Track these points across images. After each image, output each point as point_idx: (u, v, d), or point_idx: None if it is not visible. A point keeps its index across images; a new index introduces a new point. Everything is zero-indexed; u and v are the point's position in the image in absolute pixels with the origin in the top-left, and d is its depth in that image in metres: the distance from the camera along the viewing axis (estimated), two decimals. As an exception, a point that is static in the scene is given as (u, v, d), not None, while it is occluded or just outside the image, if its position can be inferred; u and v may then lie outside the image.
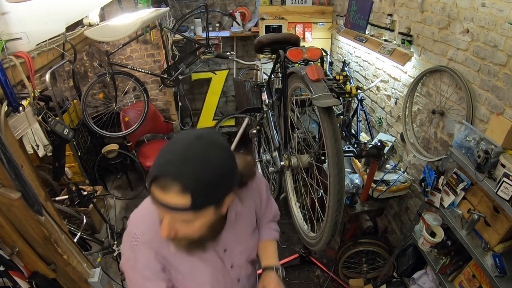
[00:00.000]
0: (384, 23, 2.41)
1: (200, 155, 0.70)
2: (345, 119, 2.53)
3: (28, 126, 1.71)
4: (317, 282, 2.52)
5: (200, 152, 0.71)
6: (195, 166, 0.69)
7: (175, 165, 0.69)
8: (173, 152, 0.71)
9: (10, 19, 1.33)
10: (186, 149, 0.70)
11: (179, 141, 0.73)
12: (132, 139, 3.41)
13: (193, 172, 0.69)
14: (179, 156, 0.70)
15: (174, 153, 0.71)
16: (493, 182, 1.32)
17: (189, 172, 0.68)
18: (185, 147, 0.71)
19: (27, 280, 1.36)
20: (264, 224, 1.22)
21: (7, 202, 1.16)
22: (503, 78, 1.46)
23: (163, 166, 0.70)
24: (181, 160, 0.69)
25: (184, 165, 0.69)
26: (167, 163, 0.70)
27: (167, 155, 0.71)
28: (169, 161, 0.70)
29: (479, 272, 1.49)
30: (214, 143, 0.74)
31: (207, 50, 3.38)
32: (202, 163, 0.70)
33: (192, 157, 0.70)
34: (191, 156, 0.70)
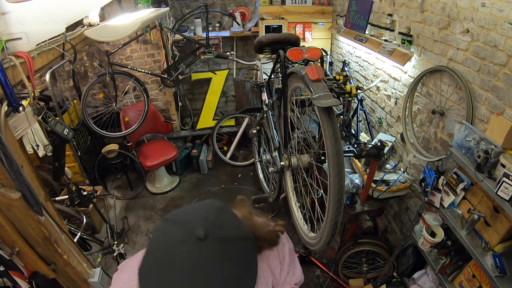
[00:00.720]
0: (384, 23, 2.41)
1: (220, 261, 0.50)
2: (345, 119, 2.53)
3: (28, 126, 1.71)
4: (317, 282, 2.52)
5: (217, 256, 0.50)
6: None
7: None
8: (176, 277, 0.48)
9: (10, 19, 1.33)
10: (195, 263, 0.49)
11: (177, 255, 0.49)
12: (132, 139, 3.41)
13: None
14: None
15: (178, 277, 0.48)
16: (493, 182, 1.32)
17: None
18: (191, 262, 0.49)
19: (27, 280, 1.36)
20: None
21: (7, 202, 1.17)
22: (503, 78, 1.46)
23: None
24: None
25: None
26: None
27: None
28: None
29: (479, 272, 1.49)
30: (229, 231, 0.54)
31: (207, 50, 3.38)
32: (229, 270, 0.51)
33: (213, 268, 0.50)
34: (205, 269, 0.49)
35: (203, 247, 0.50)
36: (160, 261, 0.50)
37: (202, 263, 0.49)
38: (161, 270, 0.49)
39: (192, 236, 0.50)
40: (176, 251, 0.50)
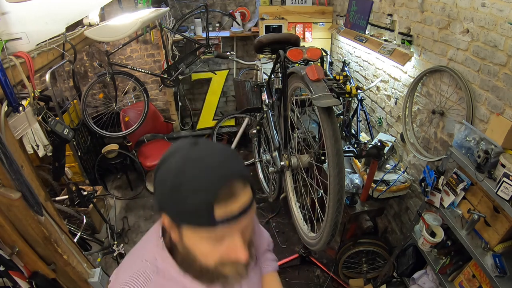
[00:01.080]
0: (384, 23, 2.41)
1: (218, 148, 0.64)
2: (345, 119, 2.53)
3: (28, 126, 1.71)
4: (317, 282, 2.52)
5: (215, 147, 0.64)
6: (230, 155, 0.63)
7: (220, 167, 0.59)
8: (196, 167, 0.58)
9: (10, 19, 1.33)
10: (203, 154, 0.60)
11: (185, 158, 0.60)
12: (132, 139, 3.41)
13: (235, 159, 0.63)
14: (209, 161, 0.59)
15: (199, 166, 0.58)
16: (493, 182, 1.32)
17: (234, 162, 0.62)
18: (199, 155, 0.60)
19: (27, 280, 1.36)
20: (260, 256, 1.10)
21: (7, 202, 1.17)
22: (503, 78, 1.46)
23: (208, 181, 0.57)
24: (217, 161, 0.60)
25: (224, 161, 0.61)
26: (207, 175, 0.57)
27: (194, 173, 0.57)
28: (207, 172, 0.58)
29: (479, 272, 1.49)
30: (209, 140, 0.70)
31: (207, 50, 3.38)
32: (228, 150, 0.64)
33: (219, 152, 0.63)
34: (218, 152, 0.62)
35: (200, 143, 0.62)
36: (184, 170, 0.58)
37: (207, 146, 0.62)
38: (187, 169, 0.58)
39: (190, 146, 0.62)
40: (194, 157, 0.60)
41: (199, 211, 0.57)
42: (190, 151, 0.60)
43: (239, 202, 0.59)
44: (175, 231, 0.64)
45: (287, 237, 2.92)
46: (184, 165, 0.58)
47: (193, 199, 0.56)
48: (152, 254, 0.71)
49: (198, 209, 0.57)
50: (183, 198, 0.57)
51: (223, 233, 0.60)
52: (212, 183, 0.56)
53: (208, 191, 0.56)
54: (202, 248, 0.63)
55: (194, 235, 0.61)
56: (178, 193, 0.57)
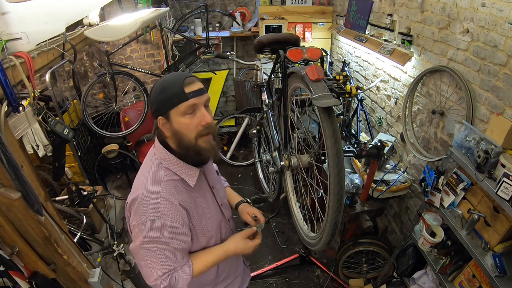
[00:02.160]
0: (384, 23, 2.41)
1: (180, 72, 1.10)
2: (345, 119, 2.53)
3: (28, 126, 1.71)
4: (317, 282, 2.52)
5: (179, 72, 1.12)
6: (186, 73, 1.02)
7: (183, 74, 0.99)
8: (170, 76, 1.00)
9: (10, 19, 1.33)
10: (174, 73, 1.03)
11: (164, 77, 1.02)
12: (132, 139, 3.41)
13: (188, 74, 1.01)
14: (177, 74, 1.01)
15: (172, 75, 1.00)
16: (493, 182, 1.32)
17: (188, 74, 1.00)
18: (172, 74, 1.02)
19: (27, 280, 1.36)
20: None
21: (7, 202, 1.17)
22: (503, 78, 1.46)
23: (178, 78, 0.97)
24: (181, 74, 1.00)
25: (184, 74, 1.00)
26: (177, 76, 0.98)
27: (170, 78, 0.99)
28: (177, 75, 0.99)
29: (479, 272, 1.49)
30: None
31: (207, 50, 3.38)
32: (186, 73, 1.04)
33: (181, 73, 1.02)
34: (180, 73, 1.02)
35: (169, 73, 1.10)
36: (163, 80, 1.01)
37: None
38: (165, 79, 1.02)
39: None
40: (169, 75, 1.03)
41: (176, 94, 0.94)
42: (166, 76, 1.01)
43: (196, 85, 0.98)
44: (166, 123, 0.98)
45: (287, 237, 2.92)
46: (164, 79, 1.00)
47: (171, 90, 0.95)
48: (156, 160, 1.04)
49: (176, 93, 0.94)
50: (166, 93, 0.95)
51: (194, 104, 0.95)
52: (179, 79, 0.96)
53: (178, 83, 0.95)
54: (184, 122, 0.96)
55: (177, 114, 0.96)
56: (163, 92, 0.96)
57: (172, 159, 1.02)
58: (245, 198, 1.42)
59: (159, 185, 0.99)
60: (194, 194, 1.06)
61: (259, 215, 1.28)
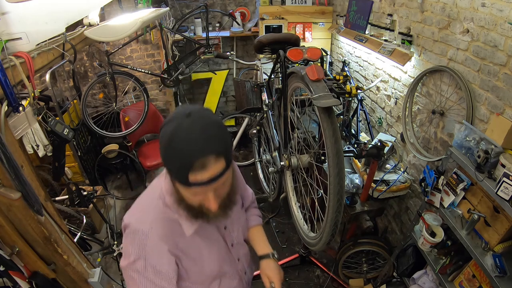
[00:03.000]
0: (384, 23, 2.41)
1: (205, 123, 0.75)
2: (345, 119, 2.53)
3: (28, 126, 1.71)
4: (317, 282, 2.52)
5: (203, 122, 0.75)
6: (211, 133, 0.75)
7: (197, 143, 0.72)
8: (182, 137, 0.72)
9: (10, 19, 1.33)
10: (191, 127, 0.73)
11: (178, 127, 0.74)
12: (132, 139, 3.41)
13: (214, 137, 0.75)
14: (192, 135, 0.72)
15: (184, 138, 0.72)
16: (493, 182, 1.32)
17: (211, 140, 0.74)
18: (188, 127, 0.73)
19: (27, 280, 1.35)
20: (246, 208, 1.28)
21: (7, 202, 1.16)
22: (503, 78, 1.46)
23: (187, 153, 0.72)
24: (198, 137, 0.73)
25: (203, 138, 0.73)
26: (187, 148, 0.72)
27: (179, 144, 0.73)
28: (188, 145, 0.72)
29: (479, 272, 1.49)
30: (204, 112, 0.79)
31: (207, 50, 3.38)
32: (212, 127, 0.76)
33: (202, 128, 0.74)
34: (201, 128, 0.74)
35: (192, 114, 0.75)
36: (170, 136, 0.75)
37: (195, 118, 0.75)
38: (171, 135, 0.75)
39: (183, 116, 0.75)
40: (178, 125, 0.74)
41: (179, 173, 0.76)
42: (183, 121, 0.74)
43: (209, 173, 0.75)
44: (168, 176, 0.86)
45: (287, 237, 2.92)
46: (175, 134, 0.73)
47: (175, 163, 0.75)
48: (161, 191, 0.92)
49: (178, 171, 0.75)
50: (170, 159, 0.76)
51: (197, 190, 0.79)
52: (190, 155, 0.72)
53: (186, 161, 0.73)
54: (186, 194, 0.82)
55: (179, 185, 0.80)
56: (168, 155, 0.76)
57: (174, 206, 0.90)
58: (273, 252, 1.19)
59: (152, 222, 0.88)
60: (193, 237, 0.94)
61: (278, 284, 1.10)
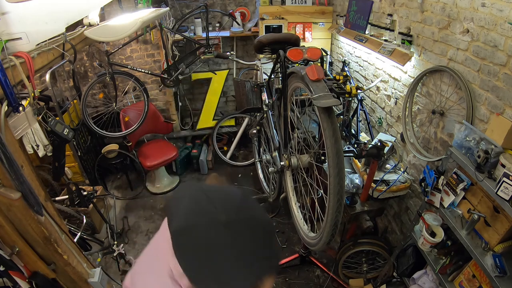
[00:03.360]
0: (384, 23, 2.41)
1: (255, 237, 0.59)
2: (345, 119, 2.53)
3: (28, 126, 1.71)
4: (317, 282, 2.52)
5: (253, 235, 0.58)
6: (262, 253, 0.59)
7: (247, 270, 0.57)
8: (229, 264, 0.56)
9: (10, 19, 1.33)
10: (244, 249, 0.56)
11: (215, 246, 0.56)
12: (132, 139, 3.41)
13: (267, 259, 0.60)
14: (244, 261, 0.56)
15: (232, 261, 0.56)
16: (493, 182, 1.32)
17: (266, 263, 0.60)
18: (238, 249, 0.56)
19: (27, 280, 1.35)
20: None
21: (7, 202, 1.16)
22: (503, 78, 1.46)
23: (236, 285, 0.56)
24: (250, 263, 0.56)
25: (257, 261, 0.58)
26: (236, 279, 0.56)
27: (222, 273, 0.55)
28: (237, 275, 0.56)
29: (479, 272, 1.49)
30: (247, 219, 0.60)
31: (207, 50, 3.38)
32: (264, 244, 0.60)
33: (253, 249, 0.58)
34: (251, 249, 0.58)
35: (229, 230, 0.57)
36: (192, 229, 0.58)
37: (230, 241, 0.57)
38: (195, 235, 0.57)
39: (217, 224, 0.57)
40: (206, 234, 0.57)
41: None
42: (222, 235, 0.56)
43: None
44: None
45: (287, 237, 2.92)
46: (215, 251, 0.56)
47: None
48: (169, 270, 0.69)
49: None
50: (208, 283, 0.57)
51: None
52: (239, 283, 0.56)
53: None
54: None
55: None
56: (204, 278, 0.57)
57: None
58: None
59: None
60: None
61: None
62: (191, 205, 0.61)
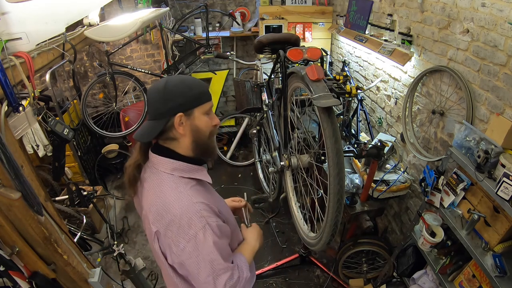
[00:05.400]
0: (384, 23, 2.41)
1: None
2: (345, 119, 2.53)
3: (28, 126, 1.71)
4: (317, 282, 2.52)
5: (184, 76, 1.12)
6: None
7: (197, 81, 1.05)
8: (191, 79, 1.04)
9: (10, 19, 1.33)
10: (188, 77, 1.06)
11: (185, 76, 1.06)
12: (132, 139, 3.41)
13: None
14: (189, 77, 1.09)
15: (190, 78, 1.05)
16: (493, 182, 1.32)
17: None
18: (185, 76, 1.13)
19: (27, 280, 1.35)
20: None
21: (7, 202, 1.16)
22: (503, 78, 1.46)
23: (197, 80, 1.04)
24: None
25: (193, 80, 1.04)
26: (197, 80, 1.04)
27: (192, 80, 1.02)
28: (195, 79, 1.05)
29: (479, 272, 1.49)
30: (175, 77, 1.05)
31: (207, 50, 3.38)
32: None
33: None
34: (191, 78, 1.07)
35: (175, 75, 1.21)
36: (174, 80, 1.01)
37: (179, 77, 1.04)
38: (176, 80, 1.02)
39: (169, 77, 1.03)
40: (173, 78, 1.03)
41: (204, 93, 1.01)
42: (181, 76, 1.04)
43: (203, 107, 1.02)
44: (186, 121, 0.98)
45: (287, 237, 2.92)
46: (185, 78, 1.02)
47: (199, 88, 1.00)
48: (165, 174, 1.00)
49: (203, 92, 1.01)
50: (195, 90, 0.99)
51: (210, 106, 1.03)
52: (201, 82, 1.04)
53: (203, 84, 1.03)
54: (204, 119, 1.01)
55: (201, 111, 1.00)
56: (192, 89, 0.98)
57: (182, 166, 1.00)
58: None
59: (187, 194, 0.96)
60: (211, 191, 1.12)
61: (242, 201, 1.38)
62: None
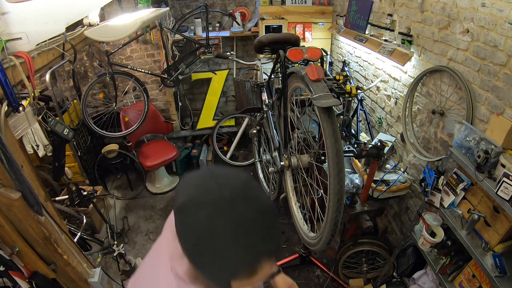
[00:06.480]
0: (384, 23, 2.41)
1: (257, 216, 0.58)
2: (345, 119, 2.53)
3: (28, 126, 1.71)
4: (317, 282, 2.52)
5: (255, 212, 0.57)
6: (261, 233, 0.58)
7: (248, 248, 0.56)
8: (230, 239, 0.55)
9: (10, 19, 1.33)
10: (244, 224, 0.56)
11: (228, 222, 0.55)
12: (132, 139, 3.41)
13: (268, 237, 0.60)
14: (244, 237, 0.55)
15: (233, 237, 0.55)
16: (493, 182, 1.32)
17: (266, 243, 0.59)
18: (239, 223, 0.55)
19: (27, 280, 1.36)
20: None
21: (7, 202, 1.17)
22: (503, 78, 1.46)
23: (235, 260, 0.56)
24: (250, 240, 0.56)
25: (257, 241, 0.57)
26: (235, 253, 0.56)
27: (222, 250, 0.55)
28: (236, 250, 0.56)
29: (479, 272, 1.49)
30: (249, 198, 0.59)
31: (207, 50, 3.38)
32: (265, 224, 0.59)
33: (255, 228, 0.57)
34: (253, 227, 0.57)
35: (234, 206, 0.56)
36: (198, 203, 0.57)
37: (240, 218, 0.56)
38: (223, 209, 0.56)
39: (221, 201, 0.56)
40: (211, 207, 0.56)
41: (216, 278, 0.59)
42: (225, 210, 0.55)
43: (258, 276, 0.59)
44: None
45: (287, 237, 2.92)
46: (216, 227, 0.55)
47: (213, 269, 0.57)
48: (173, 268, 0.68)
49: (216, 276, 0.59)
50: (206, 261, 0.58)
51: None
52: (237, 262, 0.56)
53: (229, 269, 0.56)
54: None
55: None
56: (202, 255, 0.57)
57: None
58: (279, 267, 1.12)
59: None
60: None
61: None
62: (196, 183, 0.61)
